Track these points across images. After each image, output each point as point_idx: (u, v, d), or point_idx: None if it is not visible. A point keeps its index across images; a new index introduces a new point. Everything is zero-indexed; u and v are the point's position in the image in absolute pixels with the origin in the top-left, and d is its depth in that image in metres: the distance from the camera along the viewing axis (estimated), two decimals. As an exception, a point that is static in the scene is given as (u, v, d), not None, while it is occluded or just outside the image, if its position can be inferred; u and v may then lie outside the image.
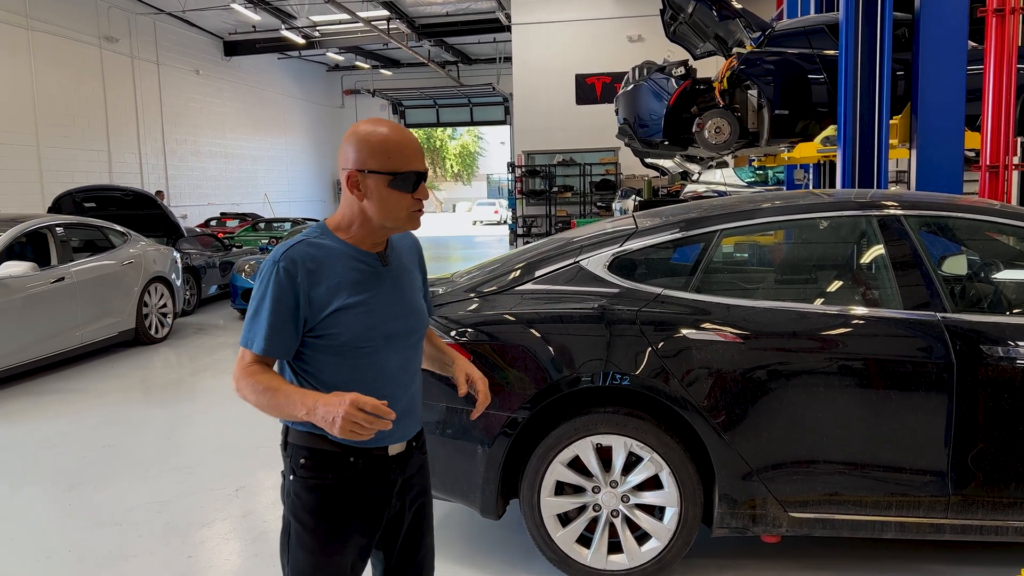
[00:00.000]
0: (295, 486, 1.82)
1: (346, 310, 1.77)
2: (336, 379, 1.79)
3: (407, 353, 1.90)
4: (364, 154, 1.76)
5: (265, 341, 1.75)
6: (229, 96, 21.81)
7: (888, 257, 3.20)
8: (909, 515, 3.07)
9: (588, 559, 3.23)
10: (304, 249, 1.78)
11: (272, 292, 1.75)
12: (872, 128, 5.23)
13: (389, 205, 1.77)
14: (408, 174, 1.76)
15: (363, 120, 1.81)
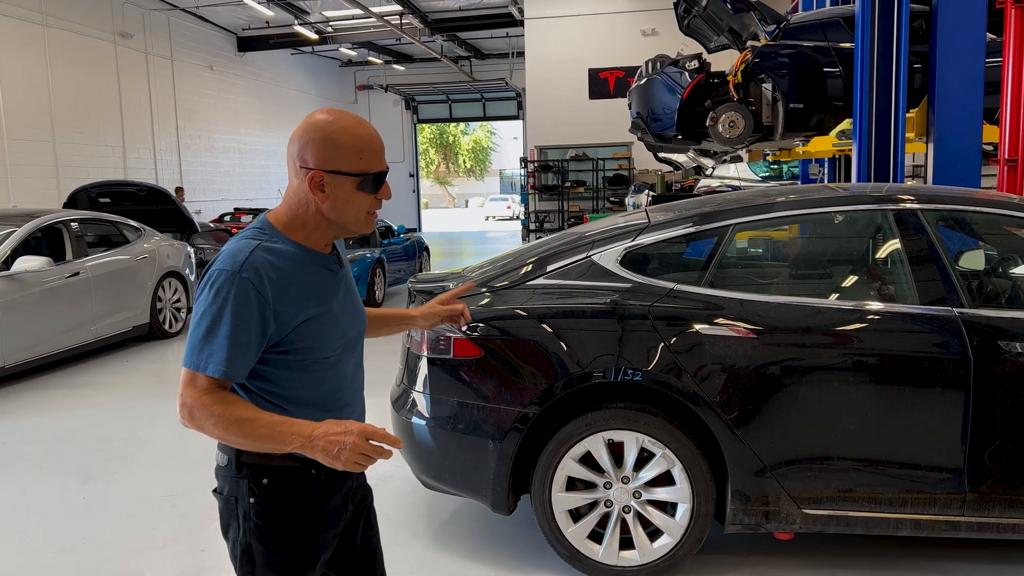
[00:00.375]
0: (258, 508, 1.67)
1: (313, 320, 1.65)
2: (300, 393, 1.68)
3: (358, 357, 1.85)
4: (333, 153, 1.61)
5: (226, 363, 1.56)
6: (243, 92, 21.87)
7: (904, 252, 3.17)
8: (924, 512, 3.04)
9: (600, 555, 3.22)
10: (262, 256, 1.60)
11: (234, 306, 1.56)
12: (888, 122, 5.18)
13: (352, 207, 1.65)
14: (376, 174, 1.65)
15: (319, 111, 1.66)
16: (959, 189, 3.44)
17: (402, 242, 12.20)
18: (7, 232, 7.04)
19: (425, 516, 3.92)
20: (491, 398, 3.21)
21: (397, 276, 11.88)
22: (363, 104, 28.55)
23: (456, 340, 3.27)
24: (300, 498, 1.70)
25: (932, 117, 5.21)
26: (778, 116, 6.46)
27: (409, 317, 2.13)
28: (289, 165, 1.66)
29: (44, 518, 4.02)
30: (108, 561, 3.53)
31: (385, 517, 3.92)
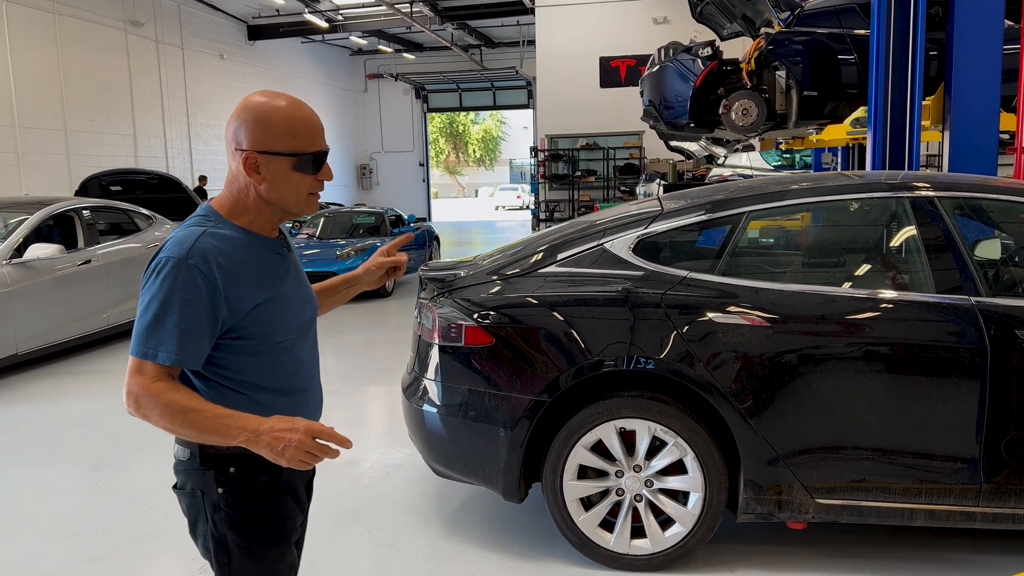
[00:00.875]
0: (227, 498, 1.66)
1: (265, 305, 1.64)
2: (257, 379, 1.67)
3: (314, 341, 1.83)
4: (266, 134, 1.59)
5: (177, 350, 1.54)
6: (253, 80, 21.85)
7: (921, 240, 3.13)
8: (939, 503, 3.01)
9: (611, 543, 3.21)
10: (210, 241, 1.59)
11: (182, 293, 1.54)
12: (904, 109, 5.11)
13: (291, 189, 1.63)
14: (312, 155, 1.63)
15: (255, 93, 1.65)
16: (976, 176, 3.40)
17: (412, 231, 12.19)
18: (19, 220, 7.07)
19: (436, 504, 3.92)
20: (502, 386, 3.20)
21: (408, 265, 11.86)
22: (373, 93, 28.52)
23: (467, 328, 3.26)
24: (269, 482, 1.69)
25: (948, 105, 5.15)
26: (792, 104, 6.39)
27: (353, 277, 2.12)
28: (227, 149, 1.65)
29: (56, 504, 4.03)
30: (119, 547, 3.55)
31: (396, 505, 3.92)
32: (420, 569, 3.29)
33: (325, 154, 1.66)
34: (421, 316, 3.52)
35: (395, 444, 4.81)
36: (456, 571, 3.26)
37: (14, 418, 5.56)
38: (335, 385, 6.23)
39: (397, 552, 3.44)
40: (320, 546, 3.47)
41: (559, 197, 17.77)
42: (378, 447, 4.78)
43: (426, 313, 3.45)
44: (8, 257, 6.67)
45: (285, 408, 1.69)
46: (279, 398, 1.69)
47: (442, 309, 3.34)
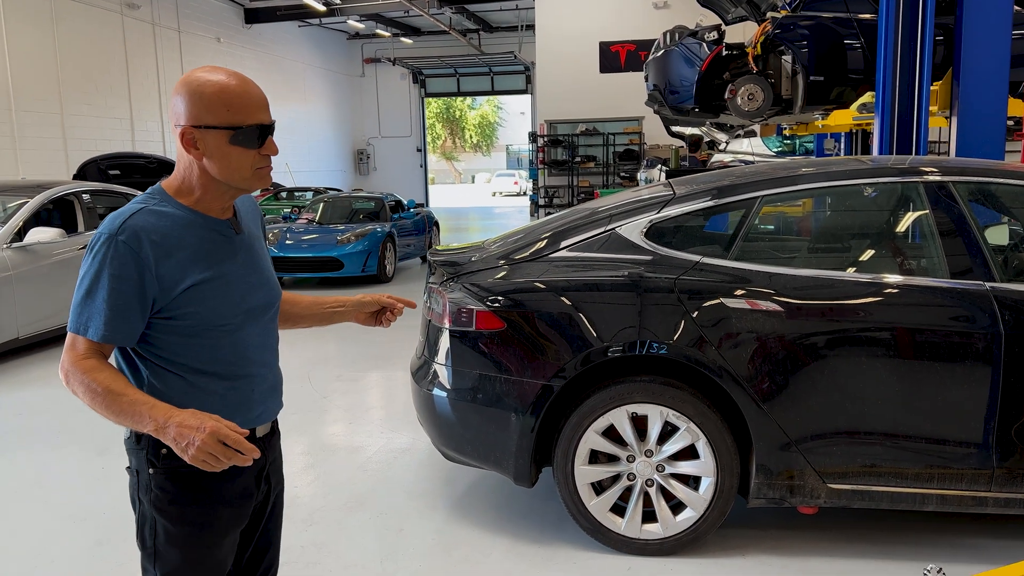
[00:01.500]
0: (158, 478, 1.62)
1: (202, 285, 1.59)
2: (193, 362, 1.62)
3: (267, 327, 1.76)
4: (199, 107, 1.55)
5: (105, 326, 1.52)
6: (250, 64, 21.69)
7: (935, 225, 3.12)
8: (951, 488, 3.01)
9: (622, 528, 3.21)
10: (145, 218, 1.56)
11: (111, 269, 1.52)
12: (912, 94, 5.09)
13: (232, 164, 1.58)
14: (251, 128, 1.57)
15: (196, 68, 1.60)
16: (989, 161, 3.38)
17: (412, 216, 12.16)
18: (19, 203, 7.02)
19: (443, 488, 3.91)
20: (514, 371, 3.19)
21: (407, 251, 11.85)
22: (370, 78, 28.34)
23: (479, 312, 3.24)
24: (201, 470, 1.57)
25: (956, 90, 5.12)
26: (798, 89, 6.36)
27: (345, 302, 2.02)
28: (172, 129, 1.62)
29: (63, 488, 4.02)
30: (125, 531, 3.53)
31: (404, 489, 3.92)
32: (430, 553, 3.28)
33: (268, 127, 1.60)
34: (431, 301, 3.50)
35: (400, 429, 4.80)
36: (466, 556, 3.26)
37: (17, 403, 5.54)
38: (338, 371, 6.22)
39: (406, 536, 3.43)
40: (329, 530, 3.47)
41: (558, 183, 17.72)
42: (383, 432, 4.77)
43: (436, 298, 3.44)
44: (8, 241, 6.63)
45: (225, 393, 1.65)
46: (217, 382, 1.64)
47: (453, 294, 3.32)
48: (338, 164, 27.37)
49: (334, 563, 3.19)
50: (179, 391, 1.60)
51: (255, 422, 1.72)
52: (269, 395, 1.76)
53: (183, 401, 1.57)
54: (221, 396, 1.64)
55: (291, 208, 14.57)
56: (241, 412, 1.68)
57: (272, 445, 1.82)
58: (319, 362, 6.44)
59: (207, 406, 1.59)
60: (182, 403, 1.56)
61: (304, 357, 6.54)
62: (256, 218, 1.85)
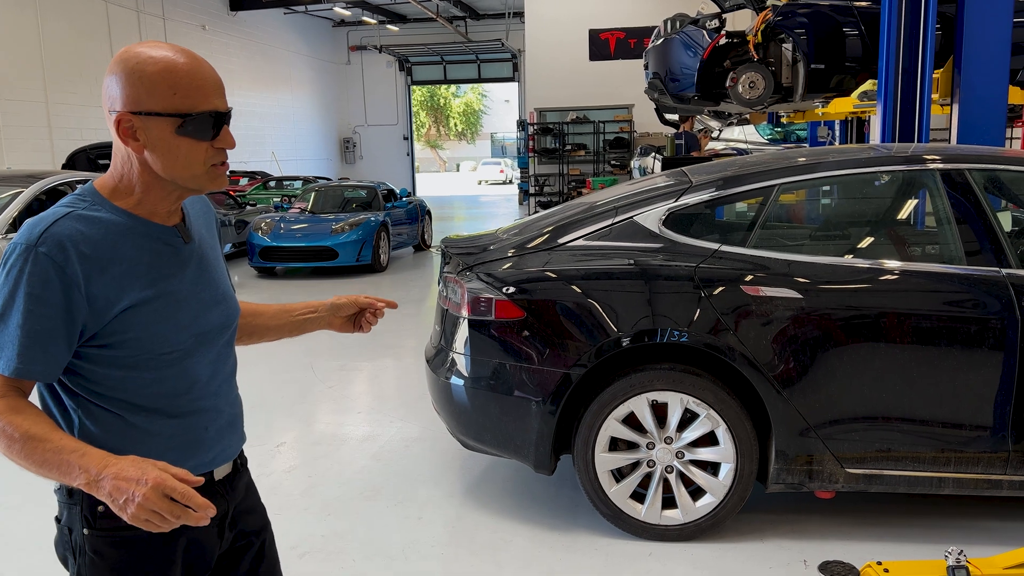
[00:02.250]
0: (93, 542, 1.35)
1: (142, 307, 1.32)
2: (133, 398, 1.36)
3: (223, 352, 1.49)
4: (139, 89, 1.27)
5: (19, 358, 1.25)
6: (235, 52, 21.48)
7: (951, 212, 3.15)
8: (967, 471, 3.06)
9: (642, 514, 3.24)
10: (72, 225, 1.28)
11: (28, 287, 1.24)
12: (914, 82, 5.13)
13: (180, 159, 1.31)
14: (203, 115, 1.30)
15: (135, 43, 1.33)
16: (1004, 149, 3.42)
17: (405, 205, 12.12)
18: (13, 194, 6.93)
19: (458, 476, 3.93)
20: (534, 359, 3.20)
21: (400, 240, 11.81)
22: (356, 65, 28.14)
23: (498, 302, 3.25)
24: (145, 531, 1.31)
25: (958, 78, 5.17)
26: (798, 77, 6.39)
27: (318, 307, 1.75)
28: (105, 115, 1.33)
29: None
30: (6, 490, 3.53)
31: (419, 478, 3.93)
32: (452, 541, 3.30)
33: (224, 115, 1.33)
34: (447, 290, 3.51)
35: (410, 417, 4.81)
36: (488, 542, 3.28)
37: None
38: (341, 360, 6.21)
39: (426, 524, 3.45)
40: (348, 519, 3.47)
41: (549, 171, 17.70)
42: (393, 421, 4.77)
43: (453, 287, 3.44)
44: (4, 232, 6.55)
45: (173, 434, 1.40)
46: (163, 421, 1.38)
47: (471, 283, 3.32)
48: (324, 153, 27.21)
49: (357, 552, 3.20)
50: (117, 433, 1.35)
51: (211, 464, 1.46)
52: (227, 431, 1.50)
53: (122, 445, 1.32)
54: (168, 437, 1.39)
55: (281, 197, 14.47)
56: (193, 455, 1.42)
57: (236, 487, 1.54)
58: (319, 352, 6.43)
59: (151, 450, 1.34)
60: (121, 448, 1.30)
61: (304, 346, 6.52)
62: (210, 221, 1.56)
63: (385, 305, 1.79)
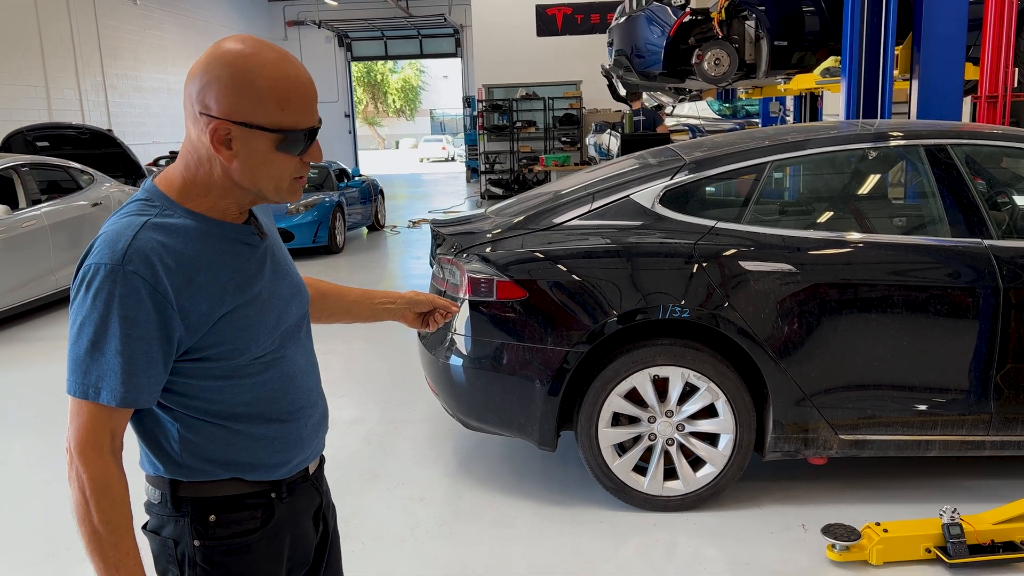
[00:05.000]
0: (206, 552, 1.33)
1: (235, 314, 1.27)
2: (233, 407, 1.32)
3: (306, 343, 1.46)
4: (246, 100, 1.20)
5: (124, 386, 1.19)
6: (169, 28, 20.77)
7: (936, 186, 3.28)
8: (953, 434, 3.22)
9: (645, 486, 3.31)
10: (152, 238, 1.21)
11: (121, 310, 1.18)
12: (876, 59, 5.28)
13: (271, 172, 1.25)
14: (304, 132, 1.24)
15: (230, 39, 1.24)
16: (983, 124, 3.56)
17: (359, 185, 11.96)
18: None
19: (453, 455, 3.95)
20: (537, 338, 3.23)
21: (355, 220, 11.66)
22: (294, 41, 27.46)
23: (499, 282, 3.26)
24: (259, 532, 1.36)
25: (917, 55, 5.34)
26: (761, 53, 6.51)
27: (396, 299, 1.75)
28: (187, 109, 1.25)
29: (52, 476, 3.89)
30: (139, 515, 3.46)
31: (414, 459, 3.94)
32: (458, 519, 3.33)
33: (316, 131, 1.27)
34: (444, 272, 3.50)
35: (394, 399, 4.80)
36: (495, 520, 3.31)
37: (-21, 389, 5.29)
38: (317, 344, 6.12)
39: (430, 505, 3.46)
40: (351, 504, 3.47)
41: (499, 149, 17.64)
42: (378, 403, 4.76)
43: (451, 268, 3.44)
44: (-50, 220, 6.26)
45: (277, 436, 1.37)
46: (266, 425, 1.35)
47: (471, 264, 3.33)
48: (264, 131, 26.56)
49: (365, 534, 3.20)
50: (221, 442, 1.32)
51: (308, 460, 1.44)
52: (321, 424, 1.48)
53: (227, 453, 1.32)
54: (272, 440, 1.36)
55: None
56: (297, 454, 1.41)
57: (323, 478, 1.54)
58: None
59: (258, 455, 1.34)
60: (227, 456, 1.32)
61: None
62: (269, 212, 1.50)
63: (456, 310, 1.82)
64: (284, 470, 1.38)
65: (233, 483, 1.33)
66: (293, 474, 1.40)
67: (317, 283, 1.70)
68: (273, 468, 1.37)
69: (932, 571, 2.84)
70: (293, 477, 1.40)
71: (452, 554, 3.08)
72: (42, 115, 15.51)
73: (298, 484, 1.42)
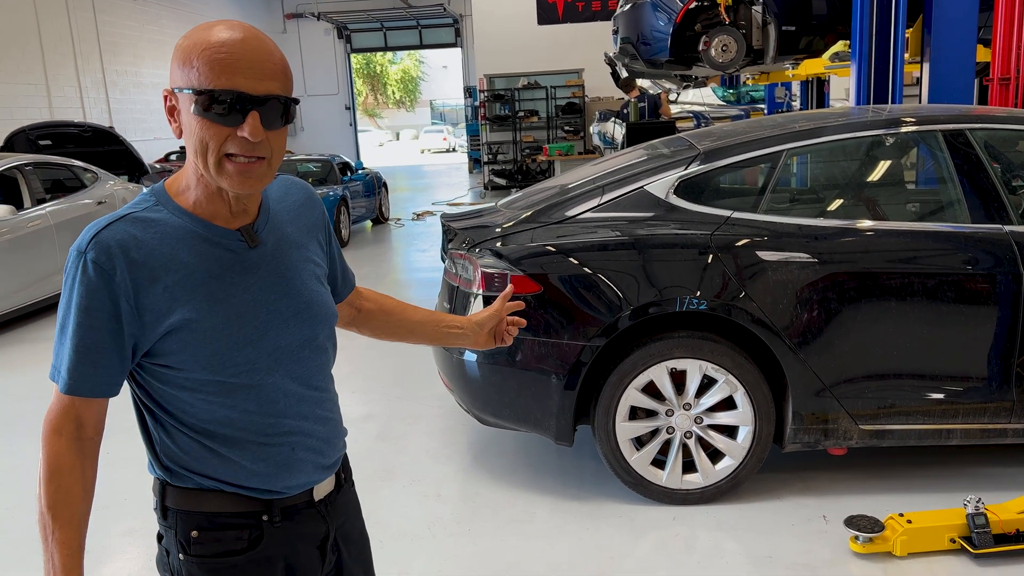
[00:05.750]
0: (188, 567, 1.27)
1: (197, 323, 1.19)
2: (206, 423, 1.24)
3: (311, 367, 1.33)
4: (174, 63, 1.16)
5: (70, 374, 1.17)
6: (167, 23, 20.68)
7: (954, 172, 3.23)
8: (974, 422, 3.18)
9: (664, 480, 3.29)
10: (126, 229, 1.17)
11: (77, 298, 1.15)
12: (887, 42, 5.22)
13: (196, 141, 1.15)
14: (222, 93, 1.12)
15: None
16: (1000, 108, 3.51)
17: (362, 178, 11.91)
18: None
19: (467, 451, 3.92)
20: (553, 333, 3.20)
21: (359, 214, 11.62)
22: (293, 34, 27.36)
23: (514, 277, 3.23)
24: (245, 555, 1.27)
25: (928, 37, 5.28)
26: (769, 39, 6.45)
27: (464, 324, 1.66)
28: None
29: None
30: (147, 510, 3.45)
31: (428, 455, 3.92)
32: (476, 516, 3.30)
33: (253, 100, 1.14)
34: (457, 267, 3.47)
35: (405, 395, 4.78)
36: (513, 516, 3.29)
37: (-11, 391, 5.27)
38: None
39: (447, 502, 3.44)
40: (368, 502, 3.43)
41: (501, 139, 17.55)
42: (390, 399, 4.73)
43: (463, 263, 3.40)
44: (-45, 221, 6.24)
45: (255, 459, 1.27)
46: (241, 448, 1.26)
47: (484, 259, 3.29)
48: (264, 125, 26.48)
49: (383, 533, 3.18)
50: (197, 457, 1.25)
51: (307, 484, 1.34)
52: (323, 447, 1.36)
53: (204, 470, 1.26)
54: (250, 463, 1.27)
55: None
56: (283, 478, 1.30)
57: (339, 505, 1.41)
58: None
59: (236, 475, 1.26)
60: (203, 470, 1.26)
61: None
62: (307, 216, 1.39)
63: (517, 316, 1.74)
64: (274, 492, 1.29)
65: (218, 497, 1.27)
66: (289, 496, 1.31)
67: (382, 299, 1.65)
68: (258, 490, 1.29)
69: (957, 562, 2.81)
70: (292, 500, 1.32)
71: (471, 552, 3.05)
72: (43, 113, 15.47)
73: (300, 509, 1.33)
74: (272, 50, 1.17)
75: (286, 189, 1.40)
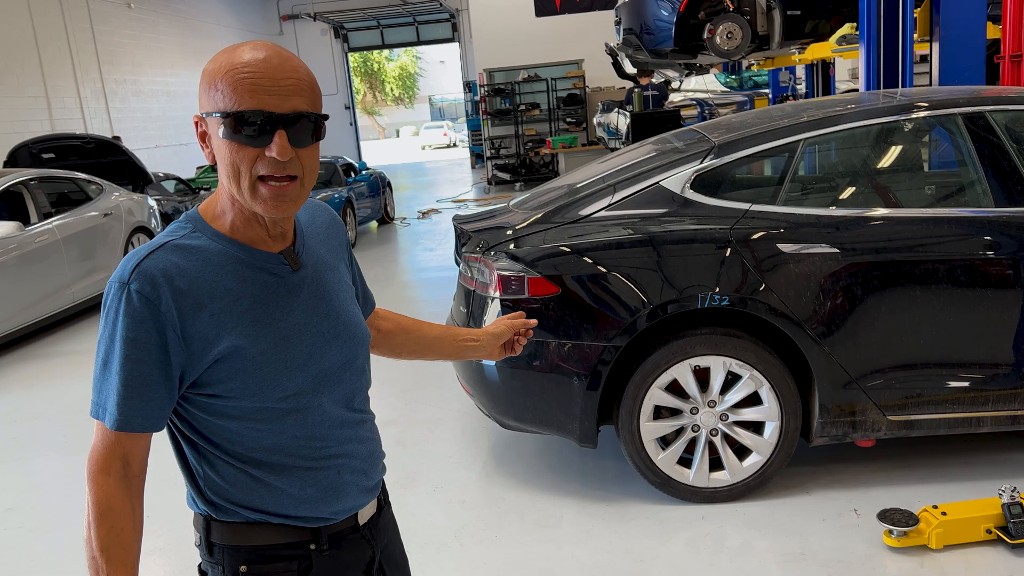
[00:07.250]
0: None
1: (246, 350, 1.18)
2: (251, 452, 1.23)
3: (352, 388, 1.33)
4: (201, 88, 1.16)
5: (119, 408, 1.14)
6: (164, 30, 20.64)
7: (975, 155, 3.18)
8: (1004, 409, 3.13)
9: (691, 478, 3.25)
10: (167, 258, 1.15)
11: (123, 329, 1.13)
12: (895, 24, 5.14)
13: (227, 165, 1.14)
14: (248, 113, 1.10)
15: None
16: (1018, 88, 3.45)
17: (367, 179, 11.86)
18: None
19: (489, 456, 3.89)
20: (573, 334, 3.16)
21: (364, 215, 11.58)
22: (289, 35, 27.30)
23: (531, 279, 3.19)
24: None
25: (936, 16, 5.20)
26: (774, 24, 6.37)
27: (480, 336, 1.67)
28: None
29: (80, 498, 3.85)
30: (172, 535, 3.43)
31: (450, 460, 3.89)
32: (502, 522, 3.27)
33: (278, 118, 1.12)
34: (472, 270, 3.43)
35: (424, 399, 4.75)
36: (539, 520, 3.26)
37: (7, 408, 5.25)
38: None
39: (472, 508, 3.41)
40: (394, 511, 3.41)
41: (503, 133, 17.47)
42: (408, 404, 4.71)
43: (479, 267, 3.36)
44: (-37, 240, 6.21)
45: (303, 486, 1.27)
46: (288, 475, 1.25)
47: (500, 262, 3.25)
48: (265, 128, 26.45)
49: (410, 542, 3.15)
50: (243, 488, 1.24)
51: (353, 508, 1.33)
52: (368, 470, 1.35)
53: (250, 500, 1.24)
54: (298, 490, 1.26)
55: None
56: (330, 504, 1.30)
57: (381, 528, 1.42)
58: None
59: (282, 504, 1.25)
60: (250, 502, 1.24)
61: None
62: (333, 238, 1.39)
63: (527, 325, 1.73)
64: (321, 519, 1.29)
65: (265, 529, 1.25)
66: (336, 522, 1.30)
67: (398, 318, 1.64)
68: (305, 519, 1.28)
69: (994, 552, 2.77)
70: (338, 527, 1.31)
71: (500, 559, 3.02)
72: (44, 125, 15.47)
73: (345, 535, 1.32)
74: (297, 67, 1.16)
75: (312, 213, 1.40)
